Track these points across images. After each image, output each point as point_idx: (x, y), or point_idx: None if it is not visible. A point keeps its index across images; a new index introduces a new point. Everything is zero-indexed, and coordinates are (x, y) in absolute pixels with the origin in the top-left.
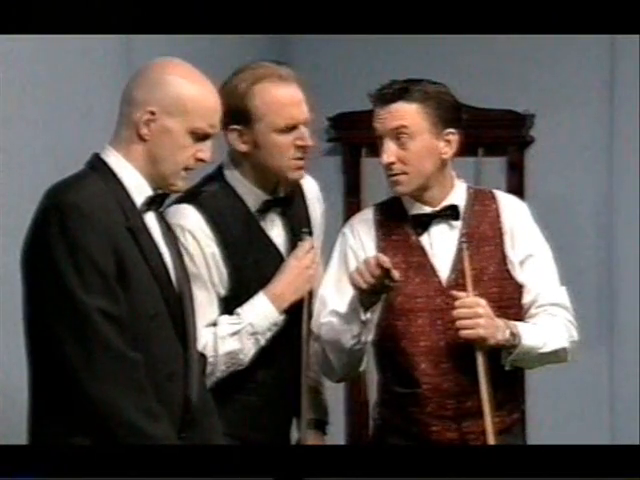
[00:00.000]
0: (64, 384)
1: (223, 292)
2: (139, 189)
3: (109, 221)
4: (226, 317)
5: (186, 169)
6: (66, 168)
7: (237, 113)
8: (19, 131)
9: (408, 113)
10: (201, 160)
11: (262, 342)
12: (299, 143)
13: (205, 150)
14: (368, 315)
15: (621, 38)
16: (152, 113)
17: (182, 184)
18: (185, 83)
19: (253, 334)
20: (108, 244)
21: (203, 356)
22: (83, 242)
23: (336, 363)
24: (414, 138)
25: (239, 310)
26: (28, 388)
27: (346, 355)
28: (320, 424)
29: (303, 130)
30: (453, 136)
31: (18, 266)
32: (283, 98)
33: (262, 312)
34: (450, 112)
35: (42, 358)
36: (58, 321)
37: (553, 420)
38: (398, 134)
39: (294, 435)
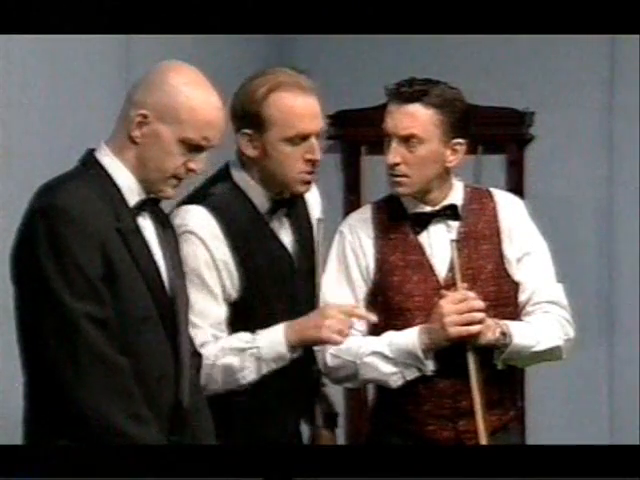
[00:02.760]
0: (52, 388)
1: (235, 295)
2: (132, 190)
3: (98, 224)
4: (243, 334)
5: (176, 177)
6: (65, 168)
7: (250, 118)
8: (18, 131)
9: (422, 118)
10: (191, 170)
11: (264, 371)
12: (308, 157)
13: (197, 161)
14: (432, 367)
15: (621, 38)
16: (145, 116)
17: (172, 192)
18: (185, 91)
19: (257, 359)
20: (96, 248)
21: (198, 355)
22: (70, 247)
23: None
24: (423, 143)
25: (258, 331)
26: (23, 391)
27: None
28: (331, 417)
29: (314, 142)
30: (460, 146)
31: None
32: (298, 109)
33: (273, 341)
34: (462, 121)
35: (32, 362)
36: (45, 325)
37: (552, 420)
38: (408, 137)
39: (305, 430)
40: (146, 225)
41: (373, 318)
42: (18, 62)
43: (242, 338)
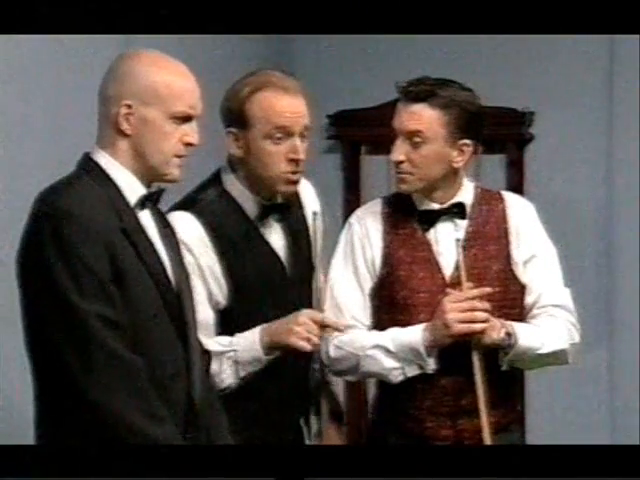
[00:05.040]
0: (66, 391)
1: (223, 302)
2: (132, 188)
3: (102, 224)
4: (222, 337)
5: (177, 156)
6: (65, 170)
7: (235, 116)
8: (17, 133)
9: (428, 118)
10: (189, 144)
11: (242, 374)
12: (291, 156)
13: (191, 133)
14: (433, 365)
15: (621, 38)
16: (129, 106)
17: (177, 172)
18: (155, 70)
19: (235, 362)
20: (102, 248)
21: (207, 354)
22: (76, 248)
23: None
24: (428, 143)
25: (237, 334)
26: (33, 394)
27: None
28: (337, 415)
29: (297, 142)
30: (467, 147)
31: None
32: (279, 107)
33: (249, 344)
34: (470, 123)
35: (43, 365)
36: (56, 328)
37: (553, 420)
38: (413, 136)
39: (314, 428)
40: (148, 223)
41: (342, 326)
42: (17, 63)
43: (221, 342)
